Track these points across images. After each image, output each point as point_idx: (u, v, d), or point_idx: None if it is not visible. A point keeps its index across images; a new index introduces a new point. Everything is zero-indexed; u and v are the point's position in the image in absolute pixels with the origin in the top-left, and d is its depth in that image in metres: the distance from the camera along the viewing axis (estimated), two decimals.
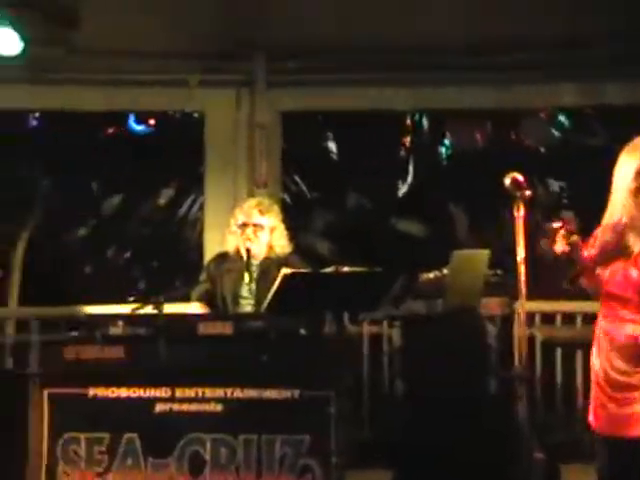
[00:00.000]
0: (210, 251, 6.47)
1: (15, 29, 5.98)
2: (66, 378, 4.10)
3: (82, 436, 4.07)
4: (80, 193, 8.49)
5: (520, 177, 4.02)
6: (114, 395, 4.09)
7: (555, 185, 8.69)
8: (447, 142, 8.89)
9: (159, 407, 4.10)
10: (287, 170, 7.57)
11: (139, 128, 8.13)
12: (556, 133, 8.54)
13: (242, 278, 5.17)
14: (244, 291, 5.21)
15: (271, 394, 4.12)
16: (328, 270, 4.52)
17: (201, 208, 7.32)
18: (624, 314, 3.55)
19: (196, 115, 7.04)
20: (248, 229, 5.20)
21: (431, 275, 5.39)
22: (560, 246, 3.61)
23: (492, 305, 5.33)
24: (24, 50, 6.06)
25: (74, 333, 4.29)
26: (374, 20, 6.28)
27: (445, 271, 5.29)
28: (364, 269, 4.56)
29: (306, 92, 6.85)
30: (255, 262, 5.23)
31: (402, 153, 8.76)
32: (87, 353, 4.10)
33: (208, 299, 5.23)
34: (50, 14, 5.93)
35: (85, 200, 8.54)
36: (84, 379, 4.09)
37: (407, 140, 8.70)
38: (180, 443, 4.08)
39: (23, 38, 6.02)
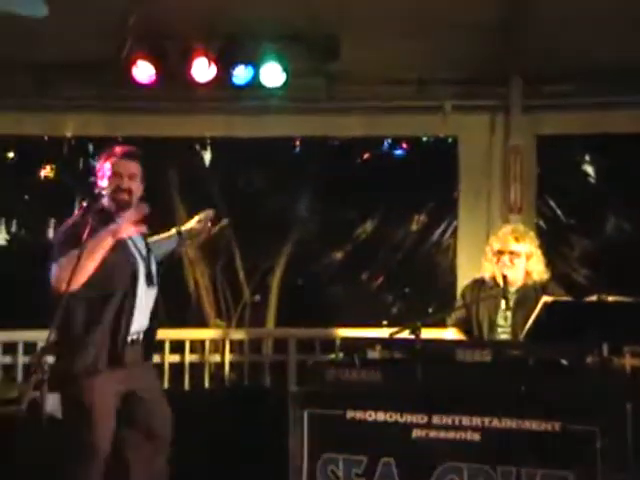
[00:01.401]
0: (463, 276, 6.45)
1: (279, 62, 6.27)
2: (326, 399, 4.15)
3: (340, 457, 4.11)
4: (336, 217, 8.72)
5: None
6: (371, 418, 4.10)
7: None
8: None
9: (416, 433, 4.08)
10: (542, 195, 7.40)
11: (393, 153, 8.25)
12: None
13: (498, 305, 5.12)
14: (500, 318, 5.14)
15: (530, 425, 3.99)
16: (591, 299, 4.36)
17: (454, 233, 7.31)
18: None
19: (450, 140, 7.06)
20: (504, 257, 5.14)
21: None
22: None
23: None
24: (287, 81, 6.35)
25: (332, 355, 4.37)
26: (631, 40, 6.05)
27: None
28: (630, 299, 4.36)
29: (563, 115, 6.71)
30: (512, 289, 5.16)
31: None
32: (346, 375, 4.15)
33: (465, 326, 5.20)
34: (312, 46, 6.16)
35: (341, 224, 8.75)
36: (343, 401, 4.13)
37: None
38: (437, 471, 4.03)
39: (286, 70, 6.30)
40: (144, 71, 6.31)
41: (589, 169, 8.47)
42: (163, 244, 4.72)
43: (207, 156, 8.55)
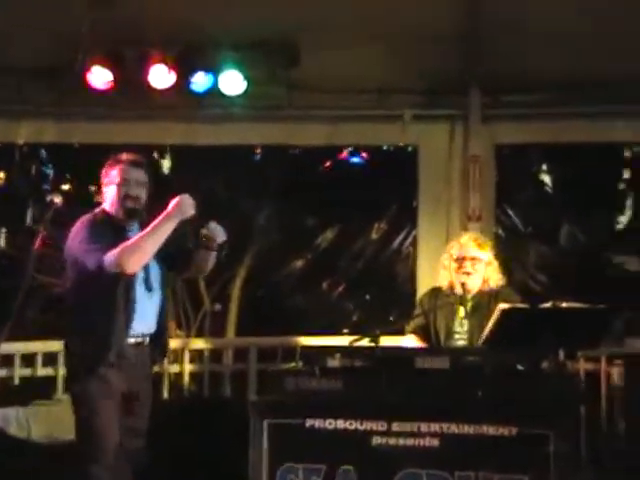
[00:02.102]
0: (423, 284, 6.50)
1: (239, 70, 6.28)
2: (286, 408, 4.16)
3: (300, 466, 4.12)
4: (297, 226, 8.72)
5: None
6: (331, 427, 4.12)
7: None
8: None
9: (375, 440, 4.10)
10: (500, 204, 7.47)
11: (354, 162, 8.28)
12: None
13: (456, 312, 5.17)
14: (457, 325, 5.20)
15: (488, 431, 4.04)
16: (546, 305, 4.43)
17: (414, 241, 7.35)
18: None
19: (409, 148, 7.11)
20: (466, 262, 5.20)
21: None
22: None
23: None
24: (247, 89, 6.36)
25: (293, 364, 4.38)
26: (590, 52, 6.16)
27: None
28: (584, 305, 4.43)
29: (521, 125, 6.79)
30: (469, 296, 5.22)
31: (621, 186, 8.48)
32: (306, 384, 4.17)
33: (423, 333, 5.25)
34: (272, 54, 6.17)
35: (301, 233, 8.76)
36: (303, 410, 4.14)
37: (626, 172, 8.41)
38: (396, 477, 4.06)
39: (246, 78, 6.31)
40: (100, 77, 6.26)
41: (546, 178, 8.58)
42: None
43: (166, 164, 8.53)
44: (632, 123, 6.66)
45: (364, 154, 8.21)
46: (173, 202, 4.34)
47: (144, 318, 4.40)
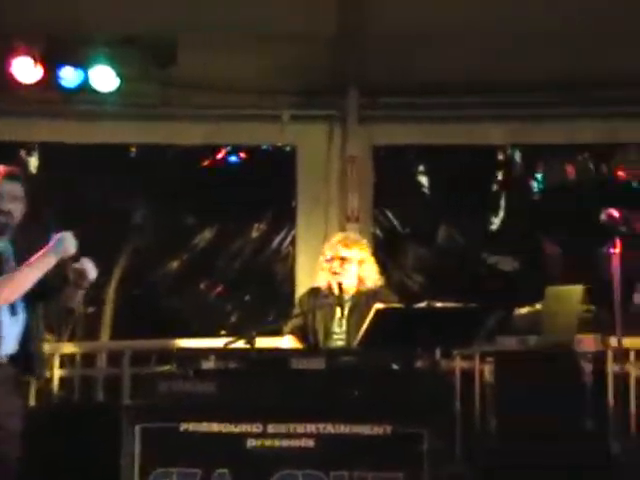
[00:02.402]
0: (301, 285, 6.50)
1: (111, 66, 6.14)
2: (158, 412, 4.10)
3: (174, 471, 4.06)
4: (174, 226, 8.60)
5: (616, 213, 3.94)
6: (205, 430, 4.08)
7: None
8: (539, 176, 8.78)
9: (250, 442, 4.08)
10: (379, 204, 7.55)
11: (232, 161, 8.22)
12: None
13: (334, 313, 5.19)
14: (335, 326, 5.22)
15: (363, 430, 4.07)
16: (421, 305, 4.48)
17: (293, 241, 7.36)
18: None
19: (288, 148, 7.11)
20: (334, 262, 5.23)
21: (525, 311, 5.33)
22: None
23: (586, 341, 5.23)
24: (120, 86, 6.22)
25: (167, 367, 4.32)
26: (466, 56, 6.28)
27: (539, 307, 5.21)
28: (457, 305, 4.51)
29: (398, 127, 6.87)
30: (346, 296, 5.25)
31: (494, 187, 8.69)
32: (180, 387, 4.11)
33: (301, 334, 5.25)
34: (147, 51, 6.06)
35: (178, 233, 8.64)
36: (176, 413, 4.09)
37: (499, 174, 8.63)
38: (272, 479, 4.06)
39: (119, 75, 6.17)
40: None
41: (423, 180, 8.71)
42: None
43: (34, 162, 8.27)
44: (505, 126, 6.83)
45: (242, 154, 8.16)
46: (55, 238, 4.20)
47: (7, 340, 4.27)
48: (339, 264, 5.23)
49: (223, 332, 7.70)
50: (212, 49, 6.22)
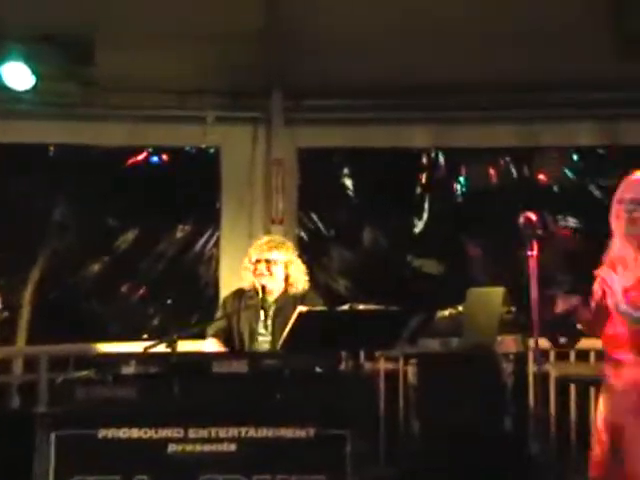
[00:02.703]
0: (225, 287, 6.45)
1: (27, 64, 5.99)
2: (75, 419, 4.02)
3: (91, 479, 3.99)
4: (95, 228, 8.47)
5: (533, 216, 4.00)
6: (125, 436, 4.02)
7: (569, 223, 8.66)
8: (462, 179, 8.87)
9: (171, 448, 4.03)
10: (303, 207, 7.55)
11: (156, 163, 8.12)
12: (569, 172, 8.55)
13: (259, 315, 5.17)
14: (261, 328, 5.20)
15: (286, 433, 4.06)
16: (343, 308, 4.48)
17: (217, 243, 7.30)
18: None
19: (212, 150, 7.05)
20: (261, 265, 5.21)
21: (447, 313, 5.37)
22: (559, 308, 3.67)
23: (507, 343, 5.30)
24: (37, 84, 6.08)
25: (85, 372, 4.23)
26: (390, 59, 6.31)
27: (461, 309, 5.26)
28: (380, 307, 4.52)
29: (323, 129, 6.87)
30: (271, 299, 5.23)
31: (418, 190, 8.76)
32: (98, 393, 4.04)
33: (225, 336, 5.21)
34: (64, 49, 5.94)
35: (100, 235, 8.51)
36: (95, 420, 4.02)
37: (423, 177, 8.70)
38: None
39: (35, 73, 6.03)
40: None
41: (348, 182, 8.73)
42: None
43: None
44: (429, 129, 6.88)
45: (167, 155, 8.07)
46: None
47: None
48: (265, 267, 5.21)
49: (145, 336, 7.61)
50: (134, 48, 6.13)
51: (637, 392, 3.63)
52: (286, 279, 5.27)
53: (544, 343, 4.06)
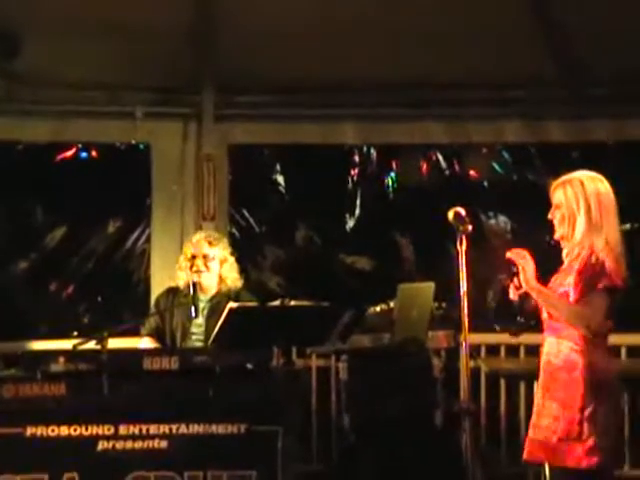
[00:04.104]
0: (157, 284, 6.42)
1: None
2: (2, 417, 3.98)
3: (18, 478, 3.96)
4: (21, 225, 8.30)
5: (462, 211, 4.05)
6: (54, 434, 4.00)
7: (500, 219, 8.79)
8: (393, 175, 8.92)
9: (101, 445, 4.02)
10: (235, 204, 7.52)
11: (84, 159, 8.00)
12: (498, 167, 8.66)
13: (191, 313, 5.12)
14: (194, 326, 5.17)
15: (217, 429, 4.07)
16: (275, 304, 4.49)
17: (148, 240, 7.24)
18: None
19: (142, 146, 6.98)
20: (198, 260, 5.19)
21: (378, 309, 5.40)
22: (512, 295, 3.72)
23: (438, 338, 5.36)
24: None
25: (12, 370, 4.18)
26: (322, 56, 6.33)
27: (392, 304, 5.30)
28: (311, 303, 4.54)
29: (254, 125, 6.86)
30: (205, 297, 5.22)
31: (350, 186, 8.77)
32: (26, 391, 3.99)
33: (158, 334, 5.17)
34: None
35: (27, 232, 8.34)
36: (22, 418, 3.98)
37: (355, 173, 8.72)
38: None
39: None
40: None
41: (280, 179, 8.71)
42: None
43: None
44: (360, 126, 6.92)
45: (96, 151, 7.96)
46: None
47: None
48: (202, 262, 5.18)
49: (75, 334, 7.50)
50: (63, 42, 6.05)
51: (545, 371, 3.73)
52: (220, 277, 5.25)
53: (475, 338, 4.13)
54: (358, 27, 6.18)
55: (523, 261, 3.70)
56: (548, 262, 3.90)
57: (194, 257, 5.22)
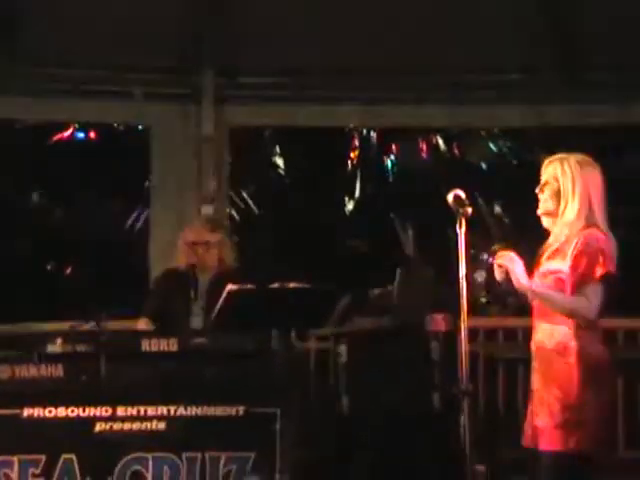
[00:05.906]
0: (156, 265, 6.39)
1: None
2: (0, 398, 3.96)
3: (15, 459, 3.95)
4: (21, 205, 8.28)
5: (462, 193, 4.02)
6: (51, 415, 3.99)
7: (497, 202, 8.79)
8: (393, 158, 8.91)
9: (99, 426, 4.01)
10: (234, 186, 7.51)
11: (84, 139, 7.97)
12: (495, 150, 8.66)
13: (191, 295, 5.12)
14: (195, 307, 5.16)
15: (215, 411, 4.06)
16: (274, 286, 4.47)
17: (147, 222, 7.22)
18: None
19: (141, 128, 6.94)
20: (199, 247, 5.17)
21: (378, 292, 5.39)
22: (499, 276, 3.69)
23: (437, 321, 5.34)
24: None
25: (9, 351, 4.18)
26: (323, 39, 6.30)
27: (391, 288, 5.29)
28: (311, 285, 4.52)
29: (254, 108, 6.83)
30: (204, 279, 5.19)
31: (349, 169, 8.77)
32: (23, 372, 3.98)
33: (158, 315, 5.16)
34: None
35: (27, 212, 8.33)
36: (19, 399, 3.97)
37: (354, 156, 8.71)
38: (121, 463, 3.99)
39: None
40: None
41: (279, 161, 8.70)
42: None
43: None
44: (360, 109, 6.89)
45: (95, 132, 7.93)
46: None
47: None
48: (205, 249, 5.17)
49: (73, 314, 7.50)
50: (62, 21, 6.01)
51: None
52: (219, 260, 5.25)
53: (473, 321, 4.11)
54: (359, 10, 6.15)
55: (511, 264, 3.66)
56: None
57: (195, 243, 5.21)
